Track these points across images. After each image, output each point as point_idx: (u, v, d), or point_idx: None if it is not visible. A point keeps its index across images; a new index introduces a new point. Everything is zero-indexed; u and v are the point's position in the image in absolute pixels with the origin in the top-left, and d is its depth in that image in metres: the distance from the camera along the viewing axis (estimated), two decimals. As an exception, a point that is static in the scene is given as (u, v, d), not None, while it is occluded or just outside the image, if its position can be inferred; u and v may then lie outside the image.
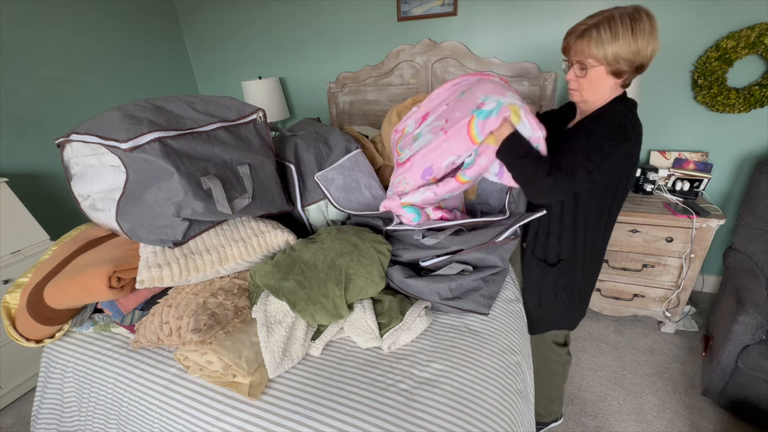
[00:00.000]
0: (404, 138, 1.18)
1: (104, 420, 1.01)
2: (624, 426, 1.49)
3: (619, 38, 0.83)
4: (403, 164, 1.11)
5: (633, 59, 0.85)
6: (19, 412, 1.70)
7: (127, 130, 0.88)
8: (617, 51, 0.84)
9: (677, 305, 1.83)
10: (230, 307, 0.95)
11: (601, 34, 0.84)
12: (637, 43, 0.83)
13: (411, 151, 1.09)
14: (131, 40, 2.47)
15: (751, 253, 1.65)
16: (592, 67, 0.89)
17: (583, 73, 0.91)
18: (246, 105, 1.13)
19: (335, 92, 2.50)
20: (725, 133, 1.85)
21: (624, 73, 0.89)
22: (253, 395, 0.84)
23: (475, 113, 0.94)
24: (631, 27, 0.82)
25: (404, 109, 1.55)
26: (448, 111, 1.05)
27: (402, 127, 1.23)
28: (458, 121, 0.97)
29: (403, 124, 1.22)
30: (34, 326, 0.99)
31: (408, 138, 1.15)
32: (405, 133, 1.19)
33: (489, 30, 2.09)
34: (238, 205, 0.99)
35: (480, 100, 0.95)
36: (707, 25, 1.71)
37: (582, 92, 0.95)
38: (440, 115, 1.07)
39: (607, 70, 0.89)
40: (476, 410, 0.79)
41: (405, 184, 1.09)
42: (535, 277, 1.16)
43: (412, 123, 1.19)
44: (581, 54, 0.89)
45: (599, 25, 0.85)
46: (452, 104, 1.06)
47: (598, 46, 0.85)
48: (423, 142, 1.06)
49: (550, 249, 1.10)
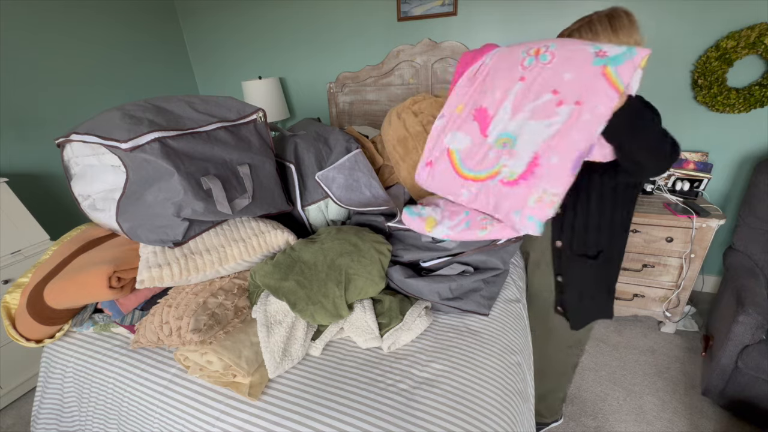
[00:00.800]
0: (475, 157, 0.89)
1: (104, 420, 1.01)
2: (624, 426, 1.49)
3: (599, 36, 0.87)
4: (515, 182, 0.82)
5: None
6: (19, 412, 1.70)
7: (127, 130, 0.88)
8: None
9: (677, 305, 1.83)
10: (230, 307, 0.95)
11: (583, 35, 0.89)
12: (619, 38, 0.86)
13: (516, 157, 0.82)
14: (131, 40, 2.47)
15: (751, 253, 1.65)
16: None
17: None
18: (246, 105, 1.13)
19: (335, 92, 2.50)
20: (725, 133, 1.85)
21: None
22: (253, 395, 0.84)
23: (604, 62, 0.73)
24: (610, 24, 0.86)
25: (404, 110, 1.55)
26: (545, 82, 0.80)
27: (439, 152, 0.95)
28: (582, 80, 0.75)
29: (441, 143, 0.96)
30: (34, 326, 0.99)
31: (488, 151, 0.87)
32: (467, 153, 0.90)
33: (489, 30, 2.09)
34: (238, 205, 0.99)
35: (591, 49, 0.76)
36: (707, 25, 1.71)
37: None
38: (534, 92, 0.81)
39: None
40: (476, 410, 0.79)
41: (552, 196, 0.80)
42: (575, 273, 1.11)
43: (463, 136, 0.92)
44: None
45: (581, 29, 0.89)
46: (543, 74, 0.80)
47: None
48: (536, 135, 0.80)
49: (590, 242, 1.06)
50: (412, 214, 1.08)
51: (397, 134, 1.51)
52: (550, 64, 0.79)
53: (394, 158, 1.53)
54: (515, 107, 0.83)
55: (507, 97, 0.84)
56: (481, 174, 0.88)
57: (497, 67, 0.89)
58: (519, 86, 0.83)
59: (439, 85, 2.24)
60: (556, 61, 0.79)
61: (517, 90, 0.83)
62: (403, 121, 1.52)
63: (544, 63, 0.80)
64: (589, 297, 1.14)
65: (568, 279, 1.13)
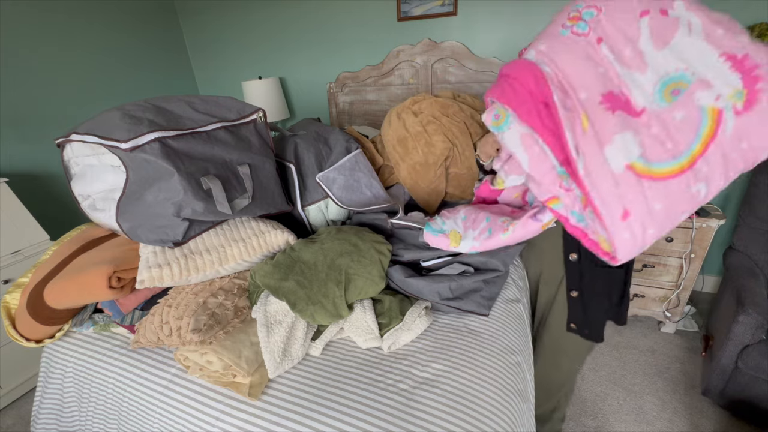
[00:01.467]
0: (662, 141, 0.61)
1: (104, 420, 1.01)
2: (624, 426, 1.49)
3: None
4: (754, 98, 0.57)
5: None
6: (19, 412, 1.70)
7: (127, 130, 0.88)
8: None
9: (677, 305, 1.83)
10: (230, 307, 0.95)
11: None
12: None
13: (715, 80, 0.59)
14: (131, 40, 2.46)
15: (751, 253, 1.65)
16: None
17: None
18: (246, 105, 1.13)
19: (335, 92, 2.50)
20: (725, 133, 1.85)
21: None
22: (253, 395, 0.84)
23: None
24: None
25: (404, 110, 1.55)
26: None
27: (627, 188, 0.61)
28: None
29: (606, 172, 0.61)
30: (34, 326, 0.99)
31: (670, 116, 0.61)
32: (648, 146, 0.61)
33: (489, 30, 2.09)
34: (238, 205, 0.99)
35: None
36: (707, 25, 1.71)
37: None
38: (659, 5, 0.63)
39: None
40: (476, 410, 0.79)
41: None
42: (596, 284, 1.03)
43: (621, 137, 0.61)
44: None
45: None
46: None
47: None
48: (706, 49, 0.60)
49: None
50: (434, 232, 1.03)
51: (397, 134, 1.51)
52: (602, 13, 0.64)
53: (393, 158, 1.53)
54: (636, 61, 0.62)
55: (611, 62, 0.63)
56: (696, 144, 0.60)
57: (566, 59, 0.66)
58: (604, 48, 0.63)
59: (439, 85, 2.24)
60: (604, 3, 0.65)
61: (610, 50, 0.62)
62: (403, 121, 1.52)
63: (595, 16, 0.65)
64: (615, 305, 1.07)
65: (587, 292, 1.04)
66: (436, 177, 1.47)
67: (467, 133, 1.48)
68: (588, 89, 0.63)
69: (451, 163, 1.49)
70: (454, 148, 1.46)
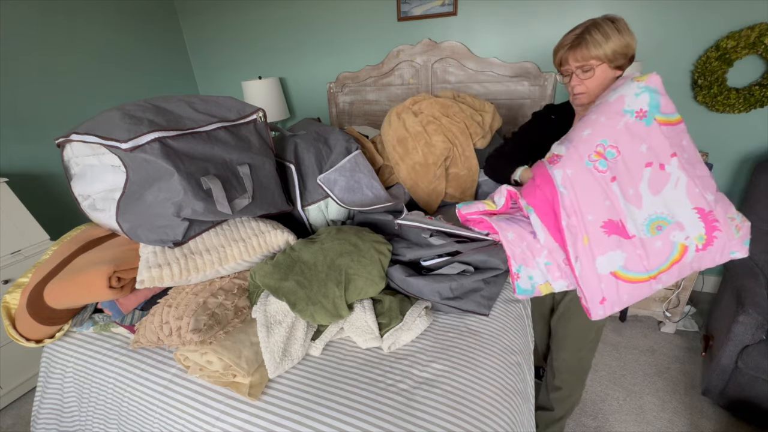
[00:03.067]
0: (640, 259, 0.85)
1: (104, 420, 1.01)
2: (624, 426, 1.49)
3: (610, 37, 0.96)
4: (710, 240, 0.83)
5: (626, 51, 0.99)
6: (19, 412, 1.70)
7: (127, 130, 0.88)
8: (614, 47, 0.97)
9: (677, 305, 1.83)
10: (230, 307, 0.95)
11: (595, 36, 0.97)
12: (624, 38, 0.97)
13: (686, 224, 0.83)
14: (131, 40, 2.47)
15: (751, 253, 1.65)
16: (597, 66, 1.00)
17: (588, 75, 1.01)
18: (246, 105, 1.13)
19: (335, 92, 2.50)
20: (725, 133, 1.85)
21: (623, 65, 1.02)
22: (253, 395, 0.84)
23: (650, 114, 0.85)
24: (615, 27, 0.97)
25: (404, 110, 1.55)
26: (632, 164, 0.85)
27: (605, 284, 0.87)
28: (653, 138, 0.84)
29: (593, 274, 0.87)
30: (34, 326, 0.99)
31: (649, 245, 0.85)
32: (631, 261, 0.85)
33: (489, 30, 2.09)
34: (238, 205, 0.99)
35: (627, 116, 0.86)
36: (707, 25, 1.71)
37: (590, 93, 1.04)
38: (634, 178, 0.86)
39: (609, 66, 1.00)
40: (476, 410, 0.79)
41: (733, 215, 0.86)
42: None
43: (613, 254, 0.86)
44: (582, 59, 1.00)
45: (589, 30, 0.98)
46: (625, 160, 0.85)
47: (597, 47, 0.97)
48: (678, 199, 0.84)
49: None
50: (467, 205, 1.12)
51: (396, 134, 1.51)
52: (620, 156, 0.85)
53: (393, 158, 1.53)
54: (635, 200, 0.84)
55: (618, 198, 0.85)
56: (665, 265, 0.85)
57: (584, 189, 0.86)
58: (615, 186, 0.85)
59: (439, 85, 2.24)
60: (623, 148, 0.85)
61: (619, 188, 0.85)
62: (403, 121, 1.52)
63: (615, 157, 0.85)
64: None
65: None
66: (435, 177, 1.47)
67: (467, 133, 1.48)
68: (594, 214, 0.85)
69: (451, 164, 1.49)
70: (454, 148, 1.47)
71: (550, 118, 1.23)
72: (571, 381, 1.34)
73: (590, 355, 1.31)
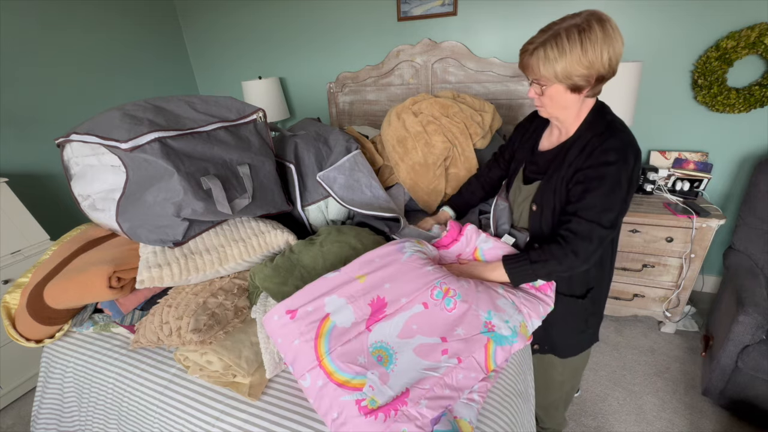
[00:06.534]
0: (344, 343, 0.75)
1: (104, 420, 1.01)
2: (624, 426, 1.49)
3: (566, 54, 0.78)
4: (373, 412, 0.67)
5: (588, 73, 0.79)
6: (19, 412, 1.70)
7: (127, 130, 0.88)
8: (567, 68, 0.79)
9: (677, 305, 1.83)
10: (230, 307, 0.95)
11: (548, 52, 0.79)
12: (587, 57, 0.77)
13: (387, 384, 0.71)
14: (131, 40, 2.46)
15: (751, 253, 1.65)
16: (547, 86, 0.85)
17: (541, 91, 0.87)
18: (246, 105, 1.13)
19: (335, 92, 2.50)
20: (725, 133, 1.85)
21: (582, 87, 0.83)
22: (253, 395, 0.84)
23: (489, 335, 0.80)
24: (579, 40, 0.76)
25: (404, 110, 1.55)
26: (441, 325, 0.79)
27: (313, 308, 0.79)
28: (468, 341, 0.78)
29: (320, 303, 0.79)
30: (34, 326, 0.99)
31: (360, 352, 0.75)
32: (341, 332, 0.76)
33: (489, 30, 2.09)
34: (238, 205, 0.99)
35: (484, 317, 0.81)
36: (707, 25, 1.71)
37: (547, 109, 0.91)
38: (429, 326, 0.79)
39: (563, 87, 0.83)
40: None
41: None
42: (561, 313, 1.01)
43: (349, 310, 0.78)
44: (534, 73, 0.85)
45: (546, 44, 0.80)
46: (441, 317, 0.80)
47: (546, 65, 0.80)
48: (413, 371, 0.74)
49: (577, 283, 1.01)
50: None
51: (396, 134, 1.51)
52: (450, 313, 0.80)
53: (393, 158, 1.53)
54: (405, 329, 0.78)
55: (404, 310, 0.79)
56: (343, 375, 0.70)
57: (411, 270, 0.85)
58: (418, 309, 0.80)
59: (439, 85, 2.24)
60: (455, 313, 0.80)
61: (415, 312, 0.80)
62: (403, 121, 1.52)
63: (447, 308, 0.81)
64: (580, 331, 1.08)
65: (553, 321, 1.00)
66: (435, 177, 1.47)
67: (467, 133, 1.48)
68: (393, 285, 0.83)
69: (451, 164, 1.49)
70: (454, 148, 1.46)
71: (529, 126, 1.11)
72: (551, 422, 1.39)
73: (565, 402, 1.31)
